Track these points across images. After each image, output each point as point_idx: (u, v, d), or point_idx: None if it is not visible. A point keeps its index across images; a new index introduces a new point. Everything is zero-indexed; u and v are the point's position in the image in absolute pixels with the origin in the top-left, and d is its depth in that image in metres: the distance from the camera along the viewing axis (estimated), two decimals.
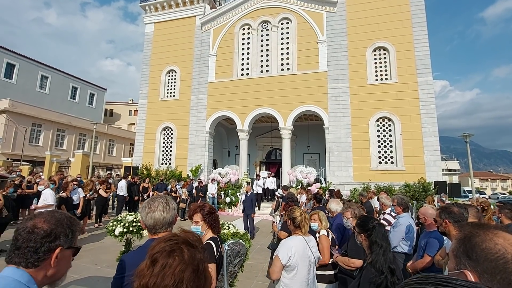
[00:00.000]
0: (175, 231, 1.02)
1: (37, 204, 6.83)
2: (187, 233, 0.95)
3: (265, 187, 15.54)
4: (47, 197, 6.33)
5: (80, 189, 8.10)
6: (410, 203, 5.59)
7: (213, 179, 13.75)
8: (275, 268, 2.44)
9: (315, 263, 2.66)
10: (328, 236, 3.28)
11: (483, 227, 0.82)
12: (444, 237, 2.78)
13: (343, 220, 3.43)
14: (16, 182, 8.90)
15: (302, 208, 3.81)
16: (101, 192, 9.90)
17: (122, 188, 11.37)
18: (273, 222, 5.59)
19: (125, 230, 5.69)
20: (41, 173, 15.33)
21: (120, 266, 1.54)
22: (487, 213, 6.86)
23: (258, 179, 15.07)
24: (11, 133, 20.29)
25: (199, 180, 13.98)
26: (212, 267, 2.09)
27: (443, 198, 11.02)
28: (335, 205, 4.21)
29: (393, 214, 4.63)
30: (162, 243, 0.87)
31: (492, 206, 6.68)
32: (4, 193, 6.81)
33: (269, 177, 16.01)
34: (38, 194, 7.70)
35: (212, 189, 12.95)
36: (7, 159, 18.53)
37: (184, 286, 0.80)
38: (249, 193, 9.03)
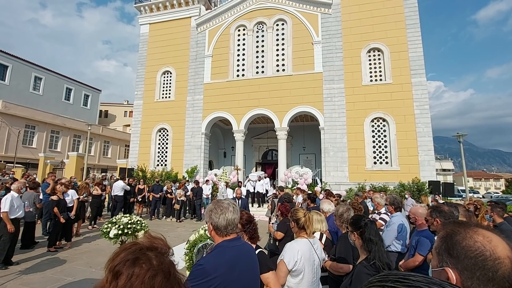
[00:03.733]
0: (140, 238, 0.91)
1: None
2: (154, 239, 0.86)
3: (255, 191, 14.41)
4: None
5: (73, 191, 8.02)
6: (403, 203, 5.64)
7: (207, 180, 13.71)
8: (281, 273, 2.34)
9: (320, 265, 2.60)
10: (321, 238, 3.28)
11: (464, 225, 0.84)
12: (436, 236, 2.82)
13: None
14: (7, 185, 8.79)
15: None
16: (95, 192, 9.81)
17: (120, 189, 11.27)
18: (270, 222, 5.60)
19: (120, 232, 5.66)
20: (35, 175, 15.16)
21: (199, 271, 1.45)
22: (480, 212, 6.96)
23: (240, 186, 13.03)
24: (4, 135, 20.03)
25: (195, 181, 13.93)
26: (270, 275, 2.05)
27: (437, 198, 11.13)
28: (327, 205, 4.24)
29: (389, 214, 4.67)
30: (122, 252, 0.77)
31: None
32: None
33: (259, 180, 14.55)
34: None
35: (206, 190, 12.91)
36: (0, 161, 18.28)
37: None
38: (240, 200, 7.95)
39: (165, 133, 18.48)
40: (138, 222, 5.98)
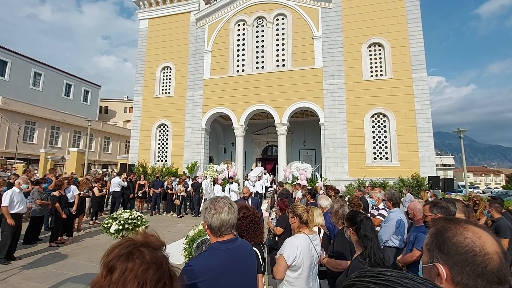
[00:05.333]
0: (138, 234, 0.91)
1: None
2: (148, 235, 0.87)
3: (254, 191, 13.29)
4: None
5: (74, 187, 8.07)
6: (401, 198, 5.67)
7: (205, 176, 13.74)
8: (280, 268, 2.40)
9: (318, 261, 2.65)
10: (319, 233, 3.31)
11: (454, 221, 0.85)
12: None
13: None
14: (11, 181, 8.83)
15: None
16: (95, 190, 9.86)
17: (117, 184, 11.32)
18: (269, 218, 5.64)
19: (120, 227, 5.71)
20: (36, 171, 15.23)
21: (188, 272, 1.39)
22: (478, 207, 6.97)
23: (232, 182, 11.81)
24: (4, 131, 20.06)
25: (195, 177, 13.95)
26: (258, 278, 1.91)
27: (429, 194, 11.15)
28: (325, 201, 4.27)
29: (387, 209, 4.70)
30: (116, 248, 0.79)
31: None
32: None
33: (259, 180, 13.76)
34: None
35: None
36: (1, 157, 18.33)
37: (148, 287, 0.73)
38: (250, 199, 6.24)
39: (165, 129, 18.49)
40: (139, 217, 6.02)
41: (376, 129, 14.90)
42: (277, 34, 17.09)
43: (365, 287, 0.50)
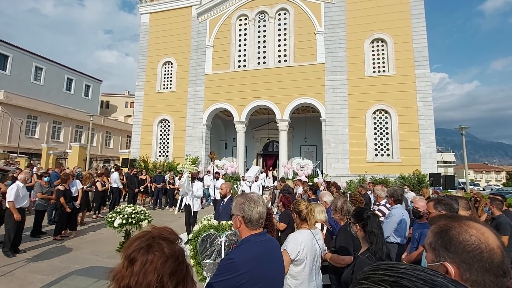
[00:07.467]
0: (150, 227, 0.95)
1: None
2: (161, 229, 0.90)
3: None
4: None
5: (78, 181, 8.14)
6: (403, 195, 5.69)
7: (208, 171, 13.80)
8: (284, 263, 2.47)
9: (321, 255, 2.71)
10: (322, 229, 3.36)
11: (456, 219, 0.87)
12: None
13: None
14: (15, 175, 8.89)
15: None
16: (98, 185, 9.92)
17: (115, 180, 11.34)
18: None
19: (124, 221, 5.78)
20: (38, 165, 15.30)
21: (230, 266, 1.43)
22: (479, 204, 7.00)
23: (217, 178, 10.73)
24: (6, 125, 20.11)
25: (198, 172, 14.00)
26: None
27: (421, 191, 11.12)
28: (328, 197, 4.30)
29: (388, 206, 4.73)
30: (137, 240, 0.83)
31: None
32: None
33: (256, 181, 12.94)
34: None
35: (207, 181, 13.02)
36: (3, 151, 18.41)
37: (166, 279, 0.78)
38: (226, 199, 5.07)
39: (167, 124, 18.51)
40: (142, 212, 6.09)
41: (378, 126, 14.89)
42: (279, 29, 16.97)
43: (380, 279, 0.52)
